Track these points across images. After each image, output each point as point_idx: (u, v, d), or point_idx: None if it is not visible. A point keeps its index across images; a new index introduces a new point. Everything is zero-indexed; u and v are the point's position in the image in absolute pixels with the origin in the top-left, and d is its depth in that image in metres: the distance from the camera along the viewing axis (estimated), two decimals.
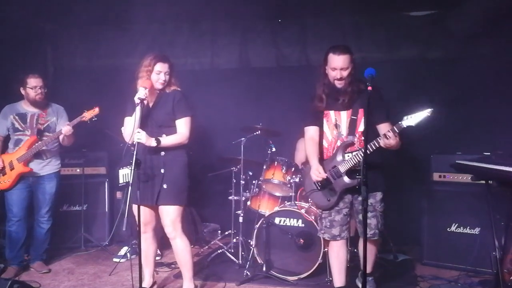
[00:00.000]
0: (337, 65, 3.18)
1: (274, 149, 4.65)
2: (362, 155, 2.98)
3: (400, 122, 2.99)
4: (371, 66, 2.98)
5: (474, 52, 5.08)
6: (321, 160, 3.42)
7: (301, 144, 5.09)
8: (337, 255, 3.47)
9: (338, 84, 3.24)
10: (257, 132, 4.60)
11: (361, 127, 3.26)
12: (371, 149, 3.09)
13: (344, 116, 3.33)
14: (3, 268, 4.29)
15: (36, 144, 4.19)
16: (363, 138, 3.15)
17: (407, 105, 4.70)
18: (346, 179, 3.29)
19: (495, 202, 3.57)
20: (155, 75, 3.47)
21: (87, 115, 4.08)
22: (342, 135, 3.33)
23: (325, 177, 3.31)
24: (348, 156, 3.28)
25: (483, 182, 3.57)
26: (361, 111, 3.25)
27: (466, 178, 4.28)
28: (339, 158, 3.31)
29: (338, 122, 3.34)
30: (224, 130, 5.37)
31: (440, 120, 4.98)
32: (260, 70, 5.71)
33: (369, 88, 2.87)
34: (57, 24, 5.82)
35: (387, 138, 3.01)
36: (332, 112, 3.36)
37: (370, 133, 3.09)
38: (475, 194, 4.14)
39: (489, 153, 3.82)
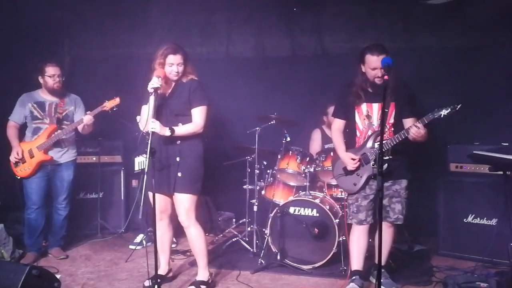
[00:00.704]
0: (377, 65, 3.29)
1: (288, 139, 4.64)
2: (392, 143, 3.30)
3: (429, 115, 3.16)
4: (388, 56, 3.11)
5: (493, 41, 4.97)
6: (353, 149, 3.56)
7: (315, 134, 5.09)
8: (358, 239, 3.59)
9: (378, 81, 3.37)
10: (272, 122, 4.59)
11: (391, 119, 3.45)
12: (399, 139, 3.28)
13: (375, 108, 3.48)
14: (22, 254, 4.39)
15: (56, 133, 4.24)
16: (392, 129, 3.42)
17: (425, 94, 4.72)
18: (372, 164, 3.42)
19: None
20: (168, 67, 3.46)
21: (108, 104, 4.12)
22: (373, 125, 3.48)
23: (359, 161, 3.47)
24: (378, 144, 3.33)
25: (501, 172, 3.54)
26: (392, 105, 3.41)
27: (483, 168, 4.22)
28: (369, 145, 3.46)
29: (369, 113, 3.50)
30: (239, 119, 5.37)
31: (458, 110, 4.97)
32: (275, 59, 5.69)
33: (386, 77, 2.94)
34: (73, 15, 5.84)
35: (417, 128, 3.17)
36: (364, 104, 3.50)
37: (398, 125, 3.41)
38: (492, 185, 4.10)
39: (507, 144, 3.78)
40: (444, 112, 3.10)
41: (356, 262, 3.59)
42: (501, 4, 4.57)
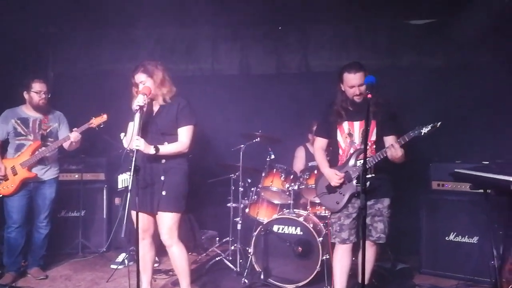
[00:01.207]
0: (355, 83, 3.34)
1: (273, 156, 4.66)
2: (374, 161, 3.30)
3: (410, 133, 3.16)
4: (371, 74, 3.14)
5: (475, 60, 5.09)
6: (335, 167, 3.56)
7: (299, 152, 5.11)
8: (341, 259, 3.55)
9: (357, 99, 3.40)
10: (256, 139, 4.61)
11: (373, 137, 3.44)
12: (378, 159, 3.29)
13: (357, 126, 3.49)
14: (1, 274, 4.28)
15: (41, 150, 4.19)
16: (374, 146, 3.42)
17: (407, 113, 4.78)
18: (355, 183, 3.41)
19: (493, 211, 3.58)
20: (136, 88, 3.47)
21: (95, 121, 4.09)
22: (355, 143, 3.49)
23: (343, 178, 3.45)
24: (360, 162, 3.38)
25: (481, 191, 3.59)
26: (373, 122, 3.42)
27: (464, 186, 4.27)
28: (351, 163, 3.45)
29: (351, 132, 3.50)
30: (224, 136, 5.37)
31: (439, 128, 5.04)
32: (260, 77, 5.73)
33: (369, 95, 3.01)
34: (58, 30, 5.83)
35: (394, 149, 3.18)
36: (345, 123, 3.52)
37: (379, 143, 3.42)
38: (473, 203, 4.15)
39: (487, 162, 3.84)
40: (424, 130, 3.11)
41: (339, 282, 3.55)
42: (483, 23, 4.66)
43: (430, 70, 5.30)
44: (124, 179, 4.91)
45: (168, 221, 3.46)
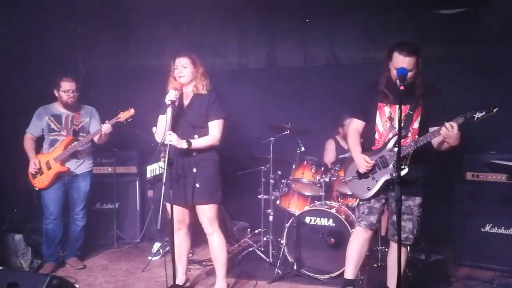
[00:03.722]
0: (402, 65, 3.03)
1: (303, 149, 4.65)
2: (414, 147, 3.05)
3: (460, 117, 2.91)
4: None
5: (506, 50, 4.97)
6: (369, 151, 3.34)
7: (330, 144, 5.09)
8: (362, 246, 3.39)
9: (399, 84, 3.02)
10: (286, 132, 4.62)
11: (415, 124, 3.19)
12: (422, 142, 3.04)
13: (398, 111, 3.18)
14: (40, 264, 4.44)
15: (73, 144, 4.29)
16: (416, 136, 3.16)
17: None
18: (391, 168, 3.18)
19: None
20: (175, 71, 3.54)
21: (123, 116, 4.16)
22: (395, 128, 3.20)
23: (373, 165, 3.24)
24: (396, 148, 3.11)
25: None
26: (419, 109, 3.17)
27: (500, 177, 4.22)
28: (389, 148, 3.22)
29: (392, 115, 3.25)
30: (254, 129, 5.38)
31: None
32: (288, 70, 5.72)
33: (401, 87, 2.89)
34: (87, 27, 5.94)
35: (450, 127, 2.88)
36: (387, 106, 3.27)
37: (423, 132, 3.12)
38: (509, 194, 4.08)
39: None
40: (478, 115, 2.82)
41: (354, 270, 3.40)
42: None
43: (460, 61, 5.20)
44: (153, 169, 4.99)
45: (207, 212, 3.54)
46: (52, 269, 4.35)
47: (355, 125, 3.45)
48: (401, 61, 3.03)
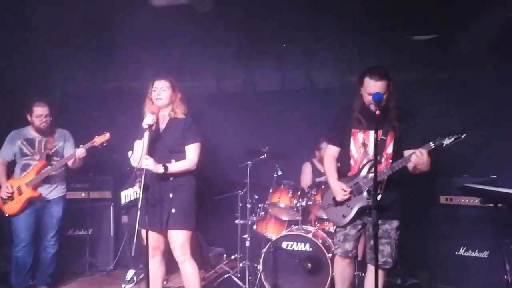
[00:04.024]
0: (374, 90, 3.04)
1: (280, 173, 4.66)
2: (388, 173, 3.06)
3: (430, 143, 2.93)
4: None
5: (479, 74, 5.12)
6: (345, 177, 3.36)
7: (306, 167, 5.11)
8: (342, 272, 3.41)
9: (373, 108, 3.05)
10: (263, 156, 4.62)
11: (389, 149, 3.19)
12: (397, 167, 3.05)
13: (371, 136, 3.21)
14: None
15: (46, 169, 4.21)
16: (390, 161, 3.17)
17: None
18: (365, 195, 3.20)
19: (504, 225, 3.55)
20: (153, 93, 3.53)
21: (98, 140, 4.10)
22: (369, 154, 3.23)
23: (350, 192, 3.25)
24: (372, 174, 3.15)
25: (491, 205, 3.57)
26: (391, 134, 3.18)
27: (473, 201, 4.28)
28: (363, 174, 3.24)
29: (365, 141, 3.26)
30: (230, 153, 5.39)
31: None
32: (265, 94, 5.77)
33: (377, 112, 2.92)
34: (64, 49, 5.90)
35: (420, 154, 2.90)
36: (360, 132, 3.28)
37: (396, 156, 3.13)
38: (482, 217, 4.13)
39: (495, 176, 3.83)
40: (446, 141, 2.84)
41: None
42: (486, 37, 4.71)
43: (433, 85, 5.33)
44: (127, 194, 4.92)
45: (179, 238, 3.47)
46: None
47: (330, 151, 3.47)
48: (372, 86, 3.06)
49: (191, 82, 5.77)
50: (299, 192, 4.48)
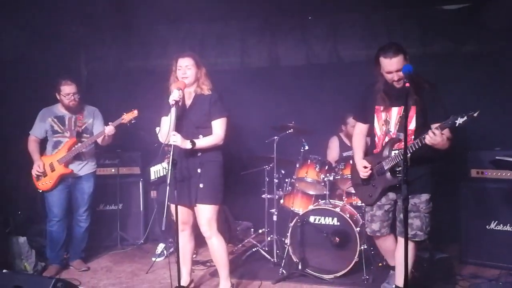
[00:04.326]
0: (392, 68, 3.07)
1: (307, 147, 4.62)
2: (410, 151, 3.00)
3: (443, 123, 2.88)
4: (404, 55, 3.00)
5: (509, 45, 4.93)
6: (371, 154, 3.40)
7: (333, 142, 5.07)
8: (380, 246, 3.57)
9: (397, 85, 3.13)
10: (289, 131, 4.59)
11: (412, 125, 3.15)
12: (416, 147, 3.00)
13: (394, 113, 3.24)
14: (44, 266, 4.43)
15: (76, 146, 4.29)
16: (413, 136, 3.12)
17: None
18: (388, 176, 3.22)
19: None
20: (178, 71, 3.53)
21: (126, 117, 4.14)
22: (390, 132, 3.26)
23: (371, 171, 3.31)
24: (395, 153, 3.20)
25: None
26: (413, 108, 3.13)
27: (504, 174, 4.20)
28: (385, 154, 3.25)
29: (388, 118, 3.27)
30: (257, 129, 5.37)
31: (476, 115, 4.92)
32: (290, 68, 5.69)
33: (407, 84, 2.87)
34: (89, 28, 5.94)
35: (433, 135, 2.87)
36: (383, 110, 3.29)
37: (421, 132, 3.04)
38: None
39: None
40: (459, 120, 2.78)
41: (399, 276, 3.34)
42: None
43: (463, 56, 5.17)
44: (156, 170, 4.97)
45: (207, 213, 3.50)
46: (56, 271, 4.35)
47: (358, 129, 3.52)
48: (388, 64, 3.07)
49: (214, 58, 5.74)
50: (327, 167, 4.45)
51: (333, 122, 5.17)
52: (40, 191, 4.34)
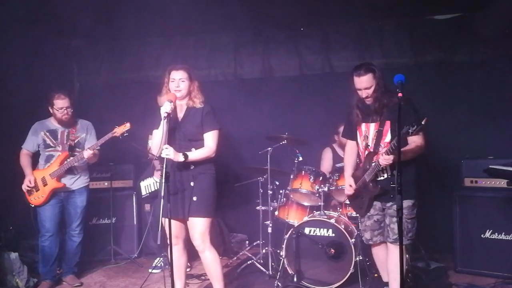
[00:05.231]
0: (361, 86, 3.31)
1: (301, 158, 4.62)
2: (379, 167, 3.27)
3: (393, 141, 3.05)
4: (396, 72, 3.01)
5: (501, 55, 4.96)
6: (359, 168, 3.61)
7: (326, 153, 5.06)
8: (374, 253, 3.68)
9: (368, 101, 3.38)
10: (283, 142, 4.58)
11: (387, 138, 3.33)
12: (376, 169, 3.30)
13: (372, 128, 3.44)
14: (37, 282, 4.37)
15: (68, 160, 4.26)
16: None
17: (433, 110, 4.71)
18: (370, 186, 3.41)
19: None
20: (171, 83, 3.51)
21: (118, 130, 4.11)
22: (369, 146, 3.46)
23: (355, 190, 3.54)
24: (371, 165, 3.38)
25: None
26: (387, 123, 3.33)
27: (498, 183, 4.21)
28: (365, 167, 3.45)
29: (367, 134, 3.47)
30: (250, 140, 5.37)
31: (469, 124, 4.95)
32: (283, 79, 5.70)
33: (400, 94, 2.89)
34: (82, 41, 5.93)
35: (386, 155, 3.14)
36: (363, 125, 3.50)
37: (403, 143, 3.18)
38: (508, 199, 4.07)
39: None
40: (411, 129, 2.85)
41: (384, 275, 3.66)
42: (507, 17, 4.56)
43: (455, 66, 5.20)
44: (147, 185, 4.95)
45: (200, 226, 3.48)
46: (49, 287, 4.30)
47: (349, 146, 3.72)
48: (357, 81, 3.31)
49: (207, 70, 5.75)
50: (321, 178, 4.45)
51: (326, 132, 5.16)
52: (32, 205, 4.29)
